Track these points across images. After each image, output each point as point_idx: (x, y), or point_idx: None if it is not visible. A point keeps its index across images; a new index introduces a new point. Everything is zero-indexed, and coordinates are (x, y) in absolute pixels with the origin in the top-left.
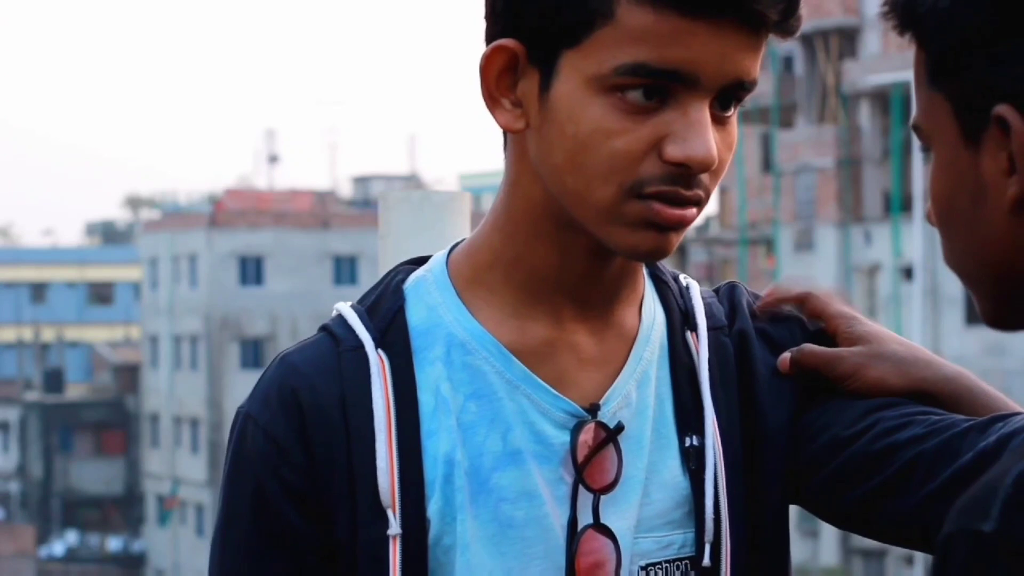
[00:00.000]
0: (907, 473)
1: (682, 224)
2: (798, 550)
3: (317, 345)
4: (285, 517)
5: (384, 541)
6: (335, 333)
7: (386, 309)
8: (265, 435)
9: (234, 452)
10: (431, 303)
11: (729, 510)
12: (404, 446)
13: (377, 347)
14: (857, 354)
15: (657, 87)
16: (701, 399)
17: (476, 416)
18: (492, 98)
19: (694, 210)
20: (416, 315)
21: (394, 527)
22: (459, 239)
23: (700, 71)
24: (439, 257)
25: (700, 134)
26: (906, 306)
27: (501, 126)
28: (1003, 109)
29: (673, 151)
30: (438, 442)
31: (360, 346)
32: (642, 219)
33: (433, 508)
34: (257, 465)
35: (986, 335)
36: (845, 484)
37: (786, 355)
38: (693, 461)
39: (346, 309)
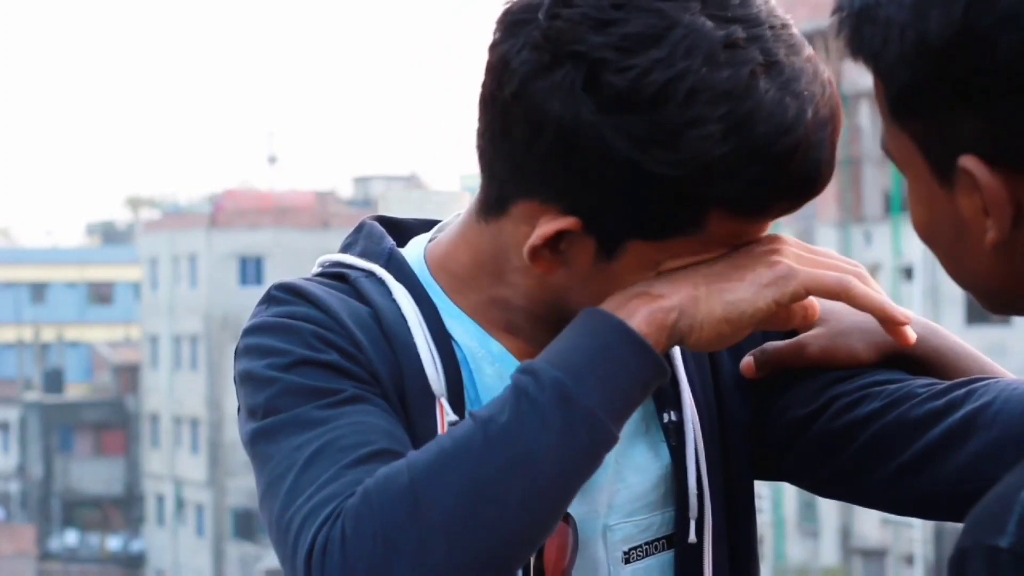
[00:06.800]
0: (870, 450)
1: None
2: (798, 550)
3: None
4: (343, 352)
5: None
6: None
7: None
8: (317, 307)
9: (273, 323)
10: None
11: (709, 484)
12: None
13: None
14: (820, 336)
15: None
16: (676, 374)
17: None
18: (534, 255)
19: None
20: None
21: (450, 415)
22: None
23: None
24: (418, 265)
25: None
26: (906, 306)
27: (539, 272)
28: (968, 162)
29: None
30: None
31: (372, 274)
32: None
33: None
34: (306, 325)
35: (986, 335)
36: (810, 464)
37: (748, 359)
38: (674, 437)
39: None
